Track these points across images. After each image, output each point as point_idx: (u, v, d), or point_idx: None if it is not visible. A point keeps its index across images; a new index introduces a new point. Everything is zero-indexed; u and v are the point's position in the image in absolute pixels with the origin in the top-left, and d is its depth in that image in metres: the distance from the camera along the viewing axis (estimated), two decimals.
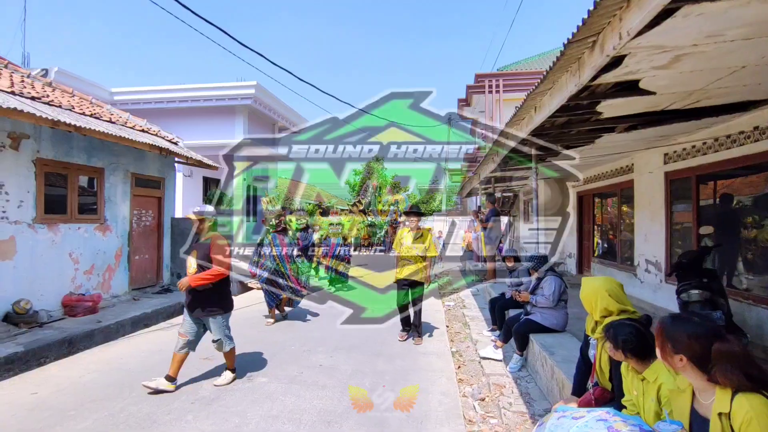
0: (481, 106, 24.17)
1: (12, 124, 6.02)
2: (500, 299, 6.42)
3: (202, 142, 13.99)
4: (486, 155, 6.92)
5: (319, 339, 6.07)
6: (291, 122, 17.66)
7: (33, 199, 6.34)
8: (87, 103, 8.30)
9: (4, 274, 5.95)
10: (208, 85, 14.13)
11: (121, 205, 8.07)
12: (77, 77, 12.12)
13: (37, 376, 4.66)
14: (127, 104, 13.58)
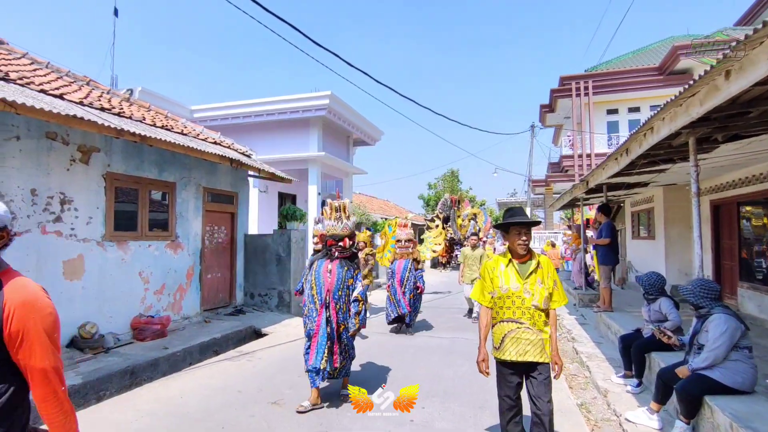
0: (567, 110, 22.25)
1: (82, 137, 5.72)
2: (635, 337, 5.00)
3: (277, 156, 13.72)
4: (609, 156, 5.56)
5: (404, 379, 5.02)
6: (366, 134, 17.06)
7: (102, 215, 6.00)
8: (162, 116, 8.07)
9: (72, 295, 5.59)
10: (282, 97, 13.90)
11: (193, 221, 7.66)
12: (160, 96, 12.33)
13: (88, 417, 4.06)
14: (205, 121, 13.67)
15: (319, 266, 4.26)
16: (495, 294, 2.98)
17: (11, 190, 4.94)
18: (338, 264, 4.19)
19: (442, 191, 33.06)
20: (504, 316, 2.96)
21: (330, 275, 4.16)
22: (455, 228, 19.51)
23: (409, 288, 7.39)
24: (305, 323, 4.27)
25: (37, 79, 5.79)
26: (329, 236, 4.20)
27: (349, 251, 4.30)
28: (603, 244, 6.97)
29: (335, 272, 4.16)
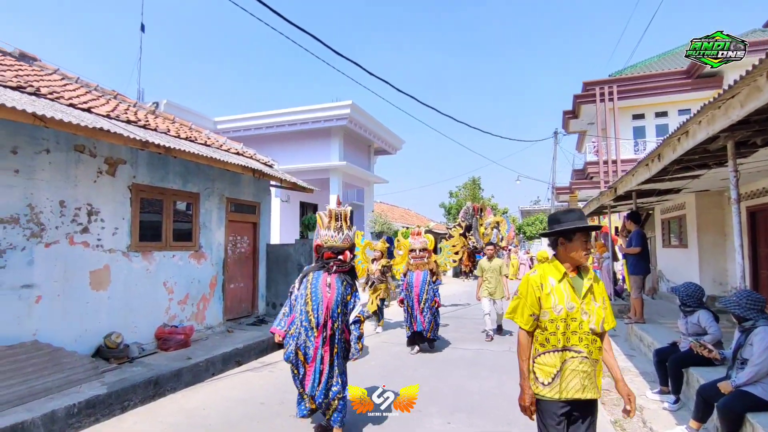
0: (591, 116, 21.83)
1: (109, 149, 5.82)
2: (671, 351, 4.77)
3: (299, 166, 13.81)
4: (639, 162, 5.36)
5: (429, 393, 4.89)
6: (387, 143, 17.05)
7: (128, 225, 6.07)
8: (186, 128, 8.19)
9: (99, 305, 5.65)
10: (303, 108, 14.02)
11: (216, 231, 7.71)
12: (184, 108, 12.57)
13: (112, 429, 4.06)
14: (228, 132, 13.87)
15: (317, 279, 3.67)
16: (546, 316, 2.36)
17: (41, 201, 5.04)
18: (336, 278, 3.69)
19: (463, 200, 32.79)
20: (557, 343, 2.35)
21: (330, 290, 3.62)
22: (478, 236, 19.21)
23: (428, 304, 6.78)
24: (287, 344, 3.64)
25: (67, 93, 5.93)
26: (327, 248, 3.71)
27: (349, 265, 3.80)
28: (633, 253, 6.71)
29: (335, 287, 3.64)
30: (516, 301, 2.50)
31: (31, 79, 5.72)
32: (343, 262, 3.72)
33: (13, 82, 5.05)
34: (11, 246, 4.74)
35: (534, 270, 2.48)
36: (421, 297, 6.82)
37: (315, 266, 3.79)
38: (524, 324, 2.44)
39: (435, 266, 7.16)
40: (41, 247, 5.02)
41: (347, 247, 3.74)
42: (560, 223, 2.46)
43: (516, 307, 2.49)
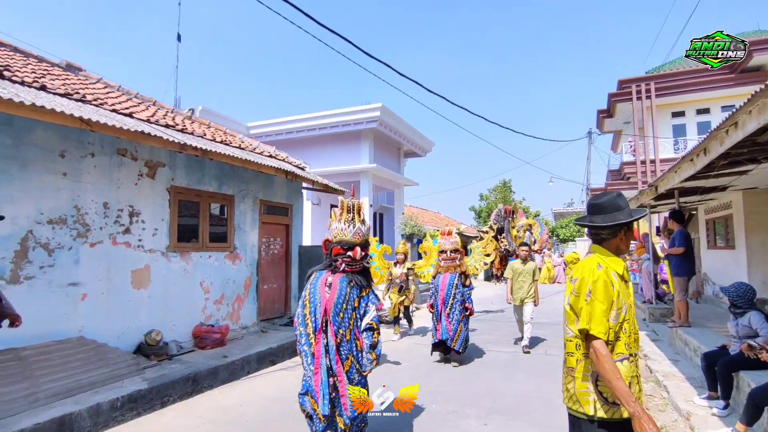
0: (627, 115, 21.18)
1: (149, 153, 6.02)
2: (720, 354, 4.53)
3: (330, 169, 13.95)
4: (683, 157, 5.13)
5: (464, 395, 4.81)
6: (416, 145, 17.02)
7: (167, 227, 6.25)
8: (221, 132, 8.40)
9: (140, 303, 5.84)
10: (334, 111, 14.17)
11: (250, 232, 7.85)
12: (218, 114, 12.91)
13: (153, 423, 4.17)
14: (261, 136, 14.15)
15: (317, 279, 3.25)
16: (616, 319, 1.99)
17: (86, 203, 5.25)
18: (342, 277, 3.21)
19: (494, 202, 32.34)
20: (624, 350, 2.00)
21: (329, 290, 3.16)
22: (510, 239, 18.91)
23: (456, 308, 6.15)
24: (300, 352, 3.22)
25: (110, 100, 6.18)
26: (336, 242, 3.26)
27: (360, 264, 3.32)
28: (676, 254, 6.43)
29: (336, 286, 3.16)
30: (590, 307, 1.99)
31: (77, 87, 5.98)
32: (353, 260, 3.24)
33: (61, 90, 5.30)
34: (59, 246, 4.95)
35: (598, 264, 2.06)
36: (447, 301, 6.20)
37: (321, 265, 3.37)
38: (604, 333, 1.95)
39: (467, 269, 6.58)
40: (86, 247, 5.23)
41: (358, 243, 3.27)
42: (622, 210, 2.13)
43: (592, 314, 1.97)
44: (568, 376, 2.12)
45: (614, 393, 1.86)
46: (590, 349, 1.96)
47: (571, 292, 2.08)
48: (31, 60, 6.50)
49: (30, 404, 3.83)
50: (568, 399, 2.11)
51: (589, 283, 2.00)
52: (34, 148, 4.78)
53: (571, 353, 2.09)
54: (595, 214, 2.18)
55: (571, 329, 2.08)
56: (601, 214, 2.16)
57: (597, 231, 2.15)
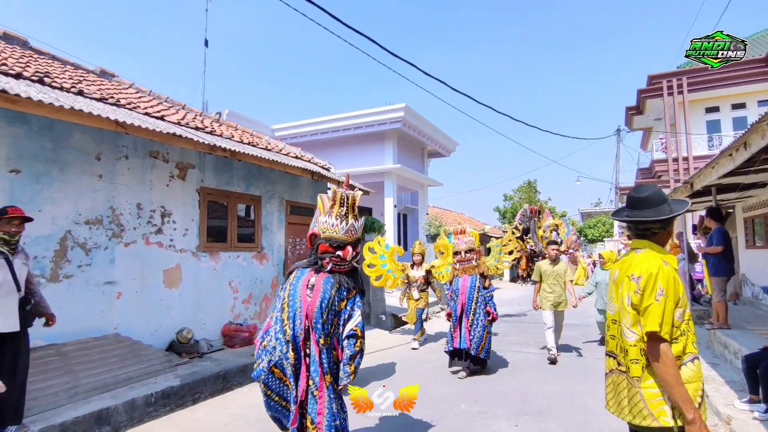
0: (657, 112, 20.59)
1: (180, 155, 6.16)
2: (763, 356, 4.33)
3: (354, 170, 14.01)
4: (722, 152, 4.95)
5: (493, 396, 4.74)
6: (440, 145, 16.94)
7: (197, 227, 6.38)
8: (248, 134, 8.53)
9: (172, 302, 5.97)
10: (358, 112, 14.23)
11: (277, 233, 7.95)
12: (245, 117, 13.14)
13: (185, 419, 4.25)
14: (286, 138, 14.32)
15: (297, 279, 2.81)
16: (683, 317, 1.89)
17: (121, 204, 5.41)
18: (327, 278, 2.79)
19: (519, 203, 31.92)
20: (693, 348, 1.90)
21: (311, 293, 2.74)
22: (536, 240, 18.59)
23: (480, 313, 5.58)
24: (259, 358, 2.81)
25: (142, 104, 6.35)
26: (324, 239, 2.82)
27: (350, 264, 2.88)
28: (714, 253, 6.20)
29: (319, 288, 2.74)
30: (662, 306, 1.83)
31: (111, 92, 6.17)
32: (342, 260, 2.82)
33: (97, 95, 5.48)
34: (96, 245, 5.11)
35: (663, 259, 1.94)
36: (469, 307, 5.61)
37: (304, 262, 2.95)
38: (669, 334, 1.84)
39: (486, 269, 6.00)
40: (121, 247, 5.38)
41: (350, 242, 2.85)
42: (669, 202, 2.04)
43: (665, 314, 1.83)
44: (632, 387, 1.92)
45: (674, 399, 1.78)
46: (654, 352, 1.82)
47: (635, 291, 1.90)
48: (68, 67, 6.74)
49: (70, 398, 3.96)
50: (633, 414, 1.90)
51: (660, 280, 1.86)
52: (72, 151, 4.95)
53: (636, 360, 1.90)
54: (640, 208, 2.06)
55: (634, 332, 1.91)
56: (650, 208, 2.03)
57: (647, 225, 2.03)
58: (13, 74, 4.62)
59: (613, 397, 2.04)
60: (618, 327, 2.01)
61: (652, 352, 1.83)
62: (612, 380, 2.06)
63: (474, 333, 5.53)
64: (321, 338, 2.69)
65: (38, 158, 4.65)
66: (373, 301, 9.02)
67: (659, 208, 2.03)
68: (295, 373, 2.69)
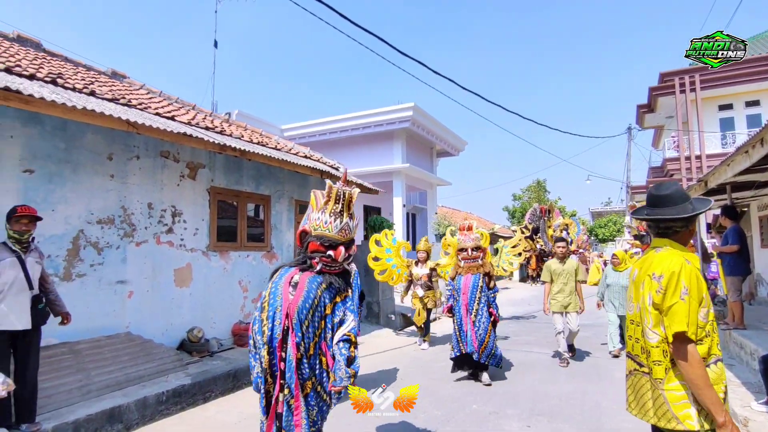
0: (669, 109, 20.36)
1: (191, 154, 6.19)
2: None
3: (362, 169, 14.02)
4: (738, 149, 4.88)
5: (505, 396, 4.71)
6: (449, 144, 16.89)
7: (207, 227, 6.41)
8: (257, 134, 8.56)
9: (182, 301, 6.00)
10: (366, 112, 14.23)
11: (286, 232, 7.96)
12: (254, 117, 13.19)
13: (196, 417, 4.27)
14: (294, 138, 14.36)
15: (280, 277, 2.57)
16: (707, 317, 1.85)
17: (132, 204, 5.45)
18: (312, 277, 2.52)
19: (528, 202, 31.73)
20: (717, 350, 1.86)
21: (294, 291, 2.48)
22: (546, 239, 18.48)
23: (482, 314, 5.26)
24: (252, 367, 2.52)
25: (153, 104, 6.40)
26: (315, 237, 2.58)
27: (341, 266, 2.65)
28: (730, 252, 6.09)
29: (303, 287, 2.48)
30: (687, 305, 1.78)
31: (122, 93, 6.22)
32: (333, 261, 2.57)
33: (108, 95, 5.52)
34: (108, 244, 5.15)
35: (686, 258, 1.89)
36: (471, 306, 5.28)
37: (292, 261, 2.75)
38: (695, 333, 1.79)
39: (491, 269, 5.63)
40: (132, 246, 5.42)
41: (343, 242, 2.63)
42: (689, 200, 1.98)
43: (690, 313, 1.78)
44: (655, 389, 1.87)
45: (703, 401, 1.73)
46: (681, 353, 1.76)
47: (657, 291, 1.85)
48: (80, 69, 6.81)
49: (83, 395, 3.99)
50: (658, 416, 1.86)
51: (684, 279, 1.81)
52: (84, 152, 4.99)
53: (658, 362, 1.86)
54: (662, 206, 2.02)
55: (656, 333, 1.86)
56: (672, 206, 1.99)
57: (669, 224, 1.99)
58: (27, 75, 4.67)
59: (634, 399, 2.00)
60: (638, 327, 1.97)
61: (679, 354, 1.77)
62: (633, 382, 2.02)
63: (477, 334, 5.21)
64: (301, 341, 2.41)
65: (51, 158, 4.69)
66: (382, 301, 9.00)
67: (681, 206, 1.98)
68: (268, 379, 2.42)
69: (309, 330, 2.44)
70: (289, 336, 2.41)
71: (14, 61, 4.97)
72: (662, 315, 1.83)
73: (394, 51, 6.76)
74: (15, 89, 3.57)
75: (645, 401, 1.93)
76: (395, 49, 6.75)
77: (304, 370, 2.40)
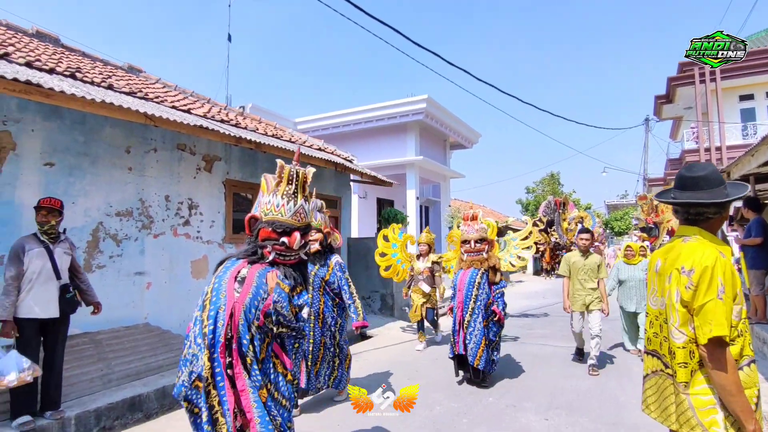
0: (688, 100, 19.91)
1: (207, 147, 6.23)
2: None
3: (376, 162, 13.98)
4: (763, 138, 4.74)
5: (521, 390, 4.67)
6: (462, 136, 16.75)
7: (223, 219, 6.46)
8: (271, 127, 8.58)
9: (199, 292, 6.03)
10: (379, 104, 14.17)
11: None
12: (267, 111, 13.22)
13: None
14: (308, 131, 14.36)
15: (226, 270, 2.22)
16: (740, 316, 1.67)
17: (150, 196, 5.50)
18: (263, 270, 2.16)
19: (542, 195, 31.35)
20: (750, 351, 1.70)
21: (240, 287, 2.12)
22: (560, 232, 18.24)
23: (478, 314, 4.68)
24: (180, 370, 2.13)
25: (169, 98, 6.44)
26: (266, 222, 2.25)
27: (297, 255, 2.30)
28: (753, 245, 5.96)
29: (252, 282, 2.12)
30: (722, 306, 1.61)
31: (139, 86, 6.27)
32: (287, 249, 2.24)
33: (126, 89, 5.57)
34: (126, 236, 5.22)
35: (719, 251, 1.70)
36: (467, 305, 4.72)
37: (239, 252, 2.35)
38: (728, 332, 1.61)
39: (497, 262, 4.98)
40: (150, 238, 5.48)
41: (299, 227, 2.30)
42: (724, 184, 1.78)
43: (727, 314, 1.62)
44: (678, 394, 1.73)
45: (733, 408, 1.58)
46: (716, 359, 1.59)
47: (686, 286, 1.67)
48: (97, 63, 6.87)
49: (104, 384, 4.06)
50: (680, 423, 1.72)
51: (718, 275, 1.62)
52: (103, 145, 5.05)
53: (684, 364, 1.70)
54: (694, 189, 1.80)
55: (683, 333, 1.70)
56: (706, 189, 1.77)
57: (701, 209, 1.79)
58: (47, 69, 4.72)
59: (655, 401, 1.86)
60: (664, 324, 1.80)
61: (714, 359, 1.60)
62: (655, 382, 1.87)
63: (470, 338, 4.66)
64: (250, 345, 2.08)
65: (71, 151, 4.75)
66: (396, 293, 9.00)
67: (716, 190, 1.77)
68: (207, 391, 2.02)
69: (260, 331, 2.12)
70: (232, 339, 2.09)
71: (34, 56, 5.04)
72: (692, 314, 1.67)
73: (409, 43, 6.69)
74: (36, 83, 3.62)
75: (668, 405, 1.80)
76: (410, 41, 6.69)
77: (255, 378, 2.09)
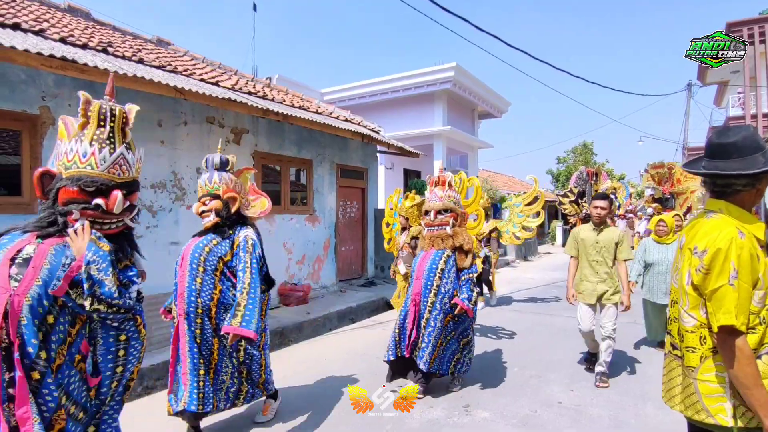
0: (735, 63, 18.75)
1: (234, 120, 6.31)
2: None
3: (403, 132, 13.86)
4: None
5: (544, 362, 4.70)
6: (492, 105, 16.35)
7: None
8: (298, 98, 8.59)
9: None
10: (407, 73, 13.92)
11: (328, 196, 8.08)
12: (294, 82, 13.18)
13: None
14: (334, 102, 14.30)
15: None
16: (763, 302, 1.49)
17: (181, 169, 5.65)
18: (59, 246, 1.64)
19: (573, 165, 30.56)
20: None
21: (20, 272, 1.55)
22: None
23: (439, 309, 3.58)
24: None
25: (197, 71, 6.51)
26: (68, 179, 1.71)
27: (118, 222, 1.84)
28: None
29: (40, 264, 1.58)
30: (737, 292, 1.46)
31: (168, 59, 6.35)
32: (104, 213, 1.73)
33: (155, 63, 5.65)
34: (161, 208, 5.41)
35: (739, 230, 1.51)
36: (426, 297, 3.62)
37: (27, 223, 1.72)
38: (746, 325, 1.47)
39: (467, 243, 3.74)
40: (183, 209, 5.66)
41: (120, 183, 1.79)
42: (763, 151, 1.52)
43: (740, 301, 1.46)
44: (686, 377, 1.64)
45: (750, 402, 1.45)
46: (727, 348, 1.47)
47: (697, 269, 1.54)
48: (127, 37, 6.97)
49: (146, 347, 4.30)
50: (685, 406, 1.64)
51: (732, 258, 1.47)
52: (136, 119, 5.16)
53: (693, 348, 1.59)
54: (723, 157, 1.57)
55: (692, 316, 1.59)
56: (738, 157, 1.54)
57: (728, 180, 1.56)
58: (80, 45, 4.83)
59: (665, 382, 1.79)
60: (677, 305, 1.68)
61: (725, 348, 1.48)
62: (666, 363, 1.79)
63: (426, 338, 3.60)
64: (38, 352, 1.53)
65: None
66: None
67: (750, 158, 1.53)
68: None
69: (54, 332, 1.59)
70: (12, 346, 1.49)
71: (68, 31, 5.15)
72: (703, 299, 1.55)
73: (436, 8, 6.50)
74: (71, 58, 3.72)
75: (673, 387, 1.72)
76: (438, 5, 6.50)
77: (46, 395, 1.54)
